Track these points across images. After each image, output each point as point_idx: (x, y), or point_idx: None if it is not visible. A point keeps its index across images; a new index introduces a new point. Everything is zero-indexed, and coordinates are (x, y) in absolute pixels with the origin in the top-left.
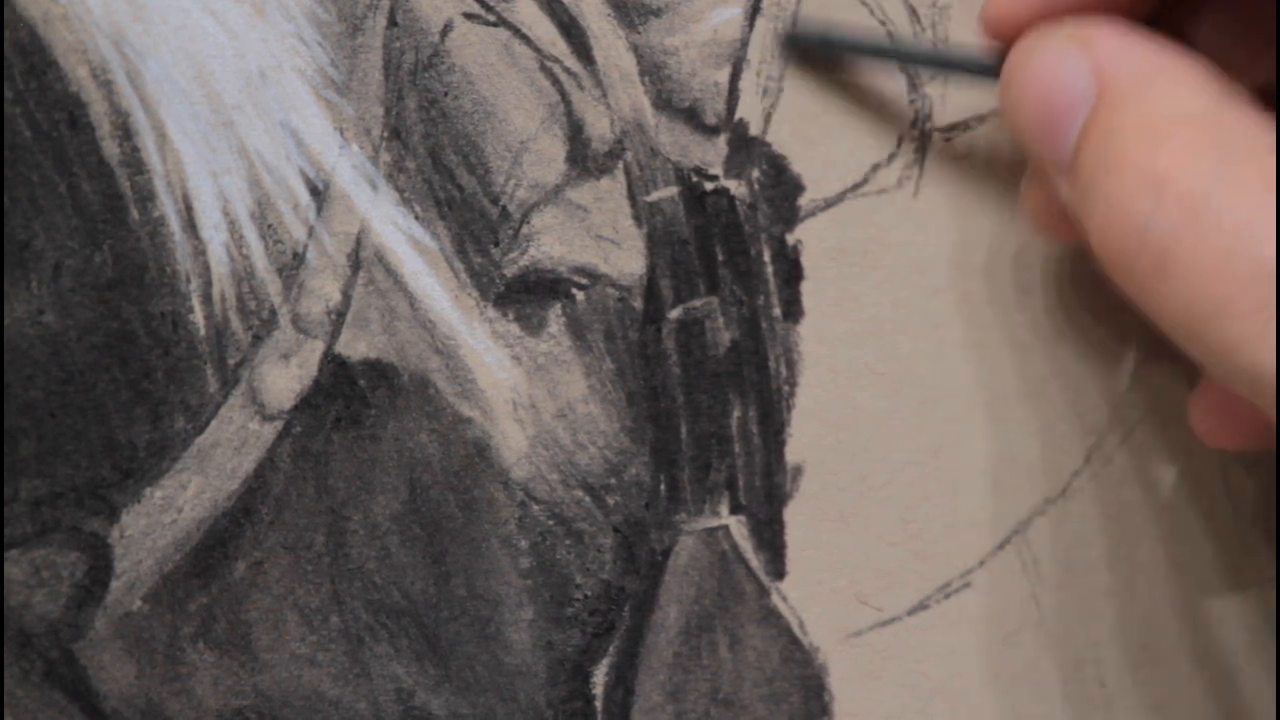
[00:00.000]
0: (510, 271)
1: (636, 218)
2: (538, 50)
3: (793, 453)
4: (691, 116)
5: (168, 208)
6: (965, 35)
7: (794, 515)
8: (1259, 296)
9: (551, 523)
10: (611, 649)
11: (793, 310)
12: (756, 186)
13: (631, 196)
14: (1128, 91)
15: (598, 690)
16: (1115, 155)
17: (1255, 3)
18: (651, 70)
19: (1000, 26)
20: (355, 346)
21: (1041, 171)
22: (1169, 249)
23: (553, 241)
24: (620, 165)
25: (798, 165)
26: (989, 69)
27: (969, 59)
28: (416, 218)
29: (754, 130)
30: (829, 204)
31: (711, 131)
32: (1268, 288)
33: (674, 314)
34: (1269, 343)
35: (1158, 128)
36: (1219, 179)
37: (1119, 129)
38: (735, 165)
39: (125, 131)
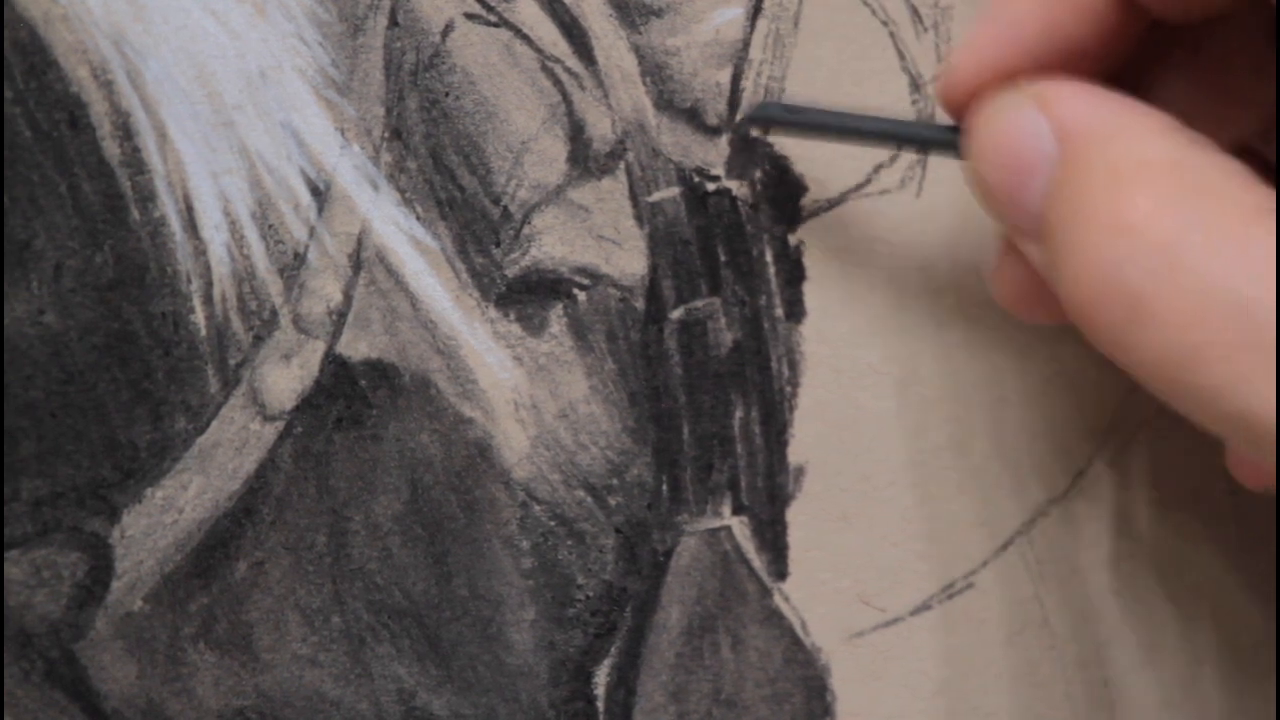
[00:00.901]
0: (512, 272)
1: (638, 218)
2: (539, 50)
3: (795, 453)
4: (693, 117)
5: (168, 208)
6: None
7: (796, 516)
8: (1238, 338)
9: (553, 523)
10: (613, 649)
11: (795, 311)
12: (758, 187)
13: (633, 197)
14: (1090, 145)
15: (599, 691)
16: (1082, 208)
17: (1221, 59)
18: (653, 71)
19: (958, 101)
20: (356, 347)
21: (1012, 240)
22: (1142, 297)
23: (554, 242)
24: (622, 166)
25: (800, 166)
26: (951, 142)
27: (931, 132)
28: (418, 218)
29: (755, 131)
30: (831, 204)
31: (713, 132)
32: (1247, 329)
33: (676, 314)
34: (1254, 385)
35: (1123, 177)
36: (1189, 223)
37: (1084, 182)
38: (737, 166)
39: (126, 132)
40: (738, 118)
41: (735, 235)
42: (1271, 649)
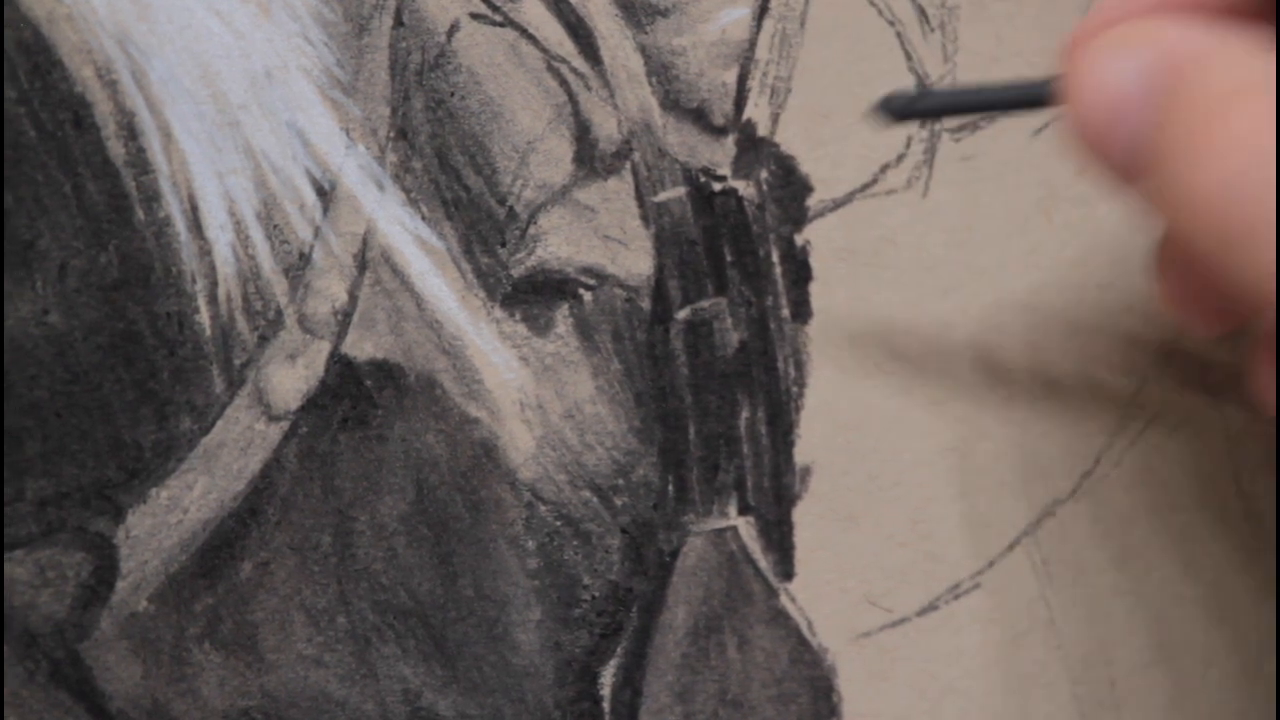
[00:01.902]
0: (517, 272)
1: (644, 218)
2: (545, 50)
3: (801, 453)
4: (699, 117)
5: (173, 208)
6: (974, 35)
7: (803, 516)
8: None
9: (559, 523)
10: (619, 650)
11: (801, 311)
12: (765, 187)
13: (639, 197)
14: (1190, 74)
15: (605, 691)
16: (1190, 131)
17: None
18: (659, 70)
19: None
20: (362, 347)
21: (1113, 184)
22: (1260, 208)
23: (560, 242)
24: (628, 166)
25: (806, 166)
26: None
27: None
28: (423, 218)
29: (762, 131)
30: (838, 204)
31: (719, 132)
32: None
33: (682, 314)
34: None
35: (1226, 97)
36: None
37: (1189, 106)
38: (743, 166)
39: (130, 131)
40: (874, 111)
41: (741, 235)
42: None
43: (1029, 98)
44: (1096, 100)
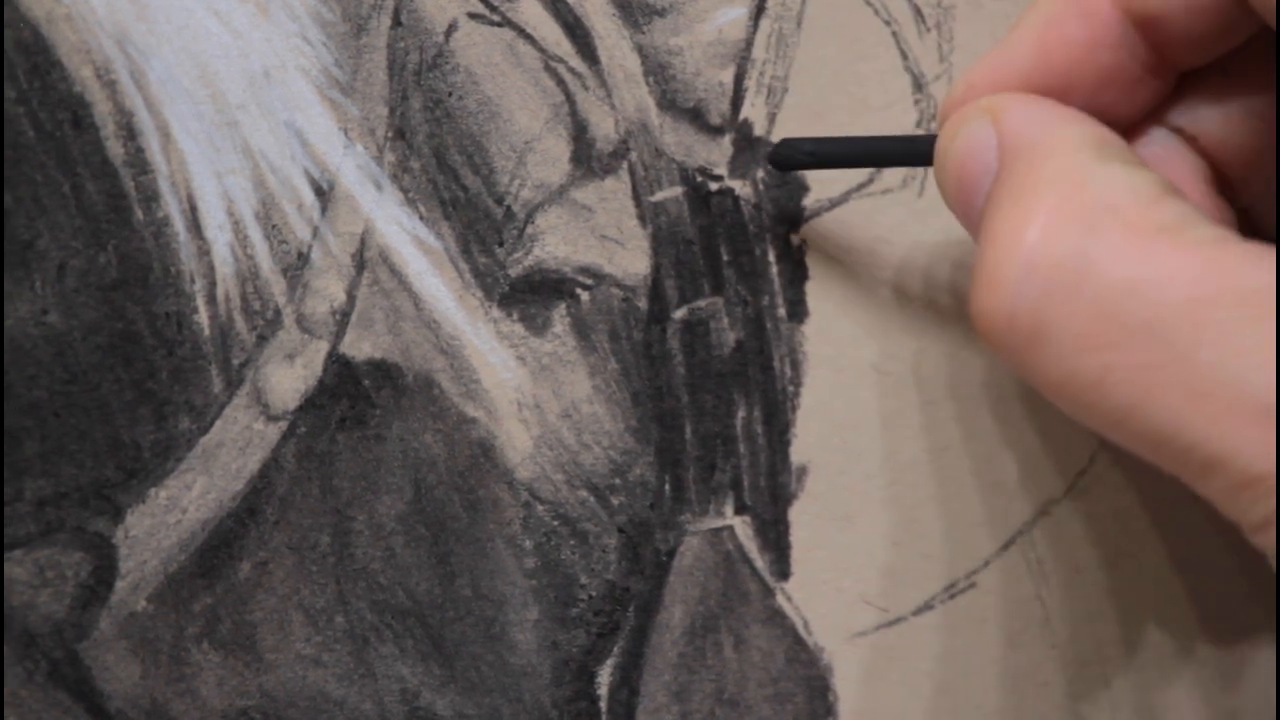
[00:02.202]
0: (515, 271)
1: (641, 218)
2: (542, 50)
3: (797, 453)
4: (696, 116)
5: (172, 208)
6: (970, 35)
7: (799, 515)
8: (1138, 360)
9: (556, 523)
10: (616, 649)
11: (797, 310)
12: (761, 186)
13: (636, 197)
14: (1014, 159)
15: (602, 691)
16: (992, 225)
17: (1243, 100)
18: (656, 70)
19: None
20: (360, 347)
21: None
22: (1042, 319)
23: (557, 242)
24: (625, 165)
25: None
26: None
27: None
28: (421, 218)
29: (759, 130)
30: (834, 204)
31: (716, 131)
32: (1149, 348)
33: (679, 314)
34: (1161, 404)
35: (1028, 195)
36: (1087, 245)
37: (998, 197)
38: (740, 165)
39: (129, 131)
40: (766, 162)
41: (738, 235)
42: (1272, 648)
43: (914, 154)
44: (953, 168)
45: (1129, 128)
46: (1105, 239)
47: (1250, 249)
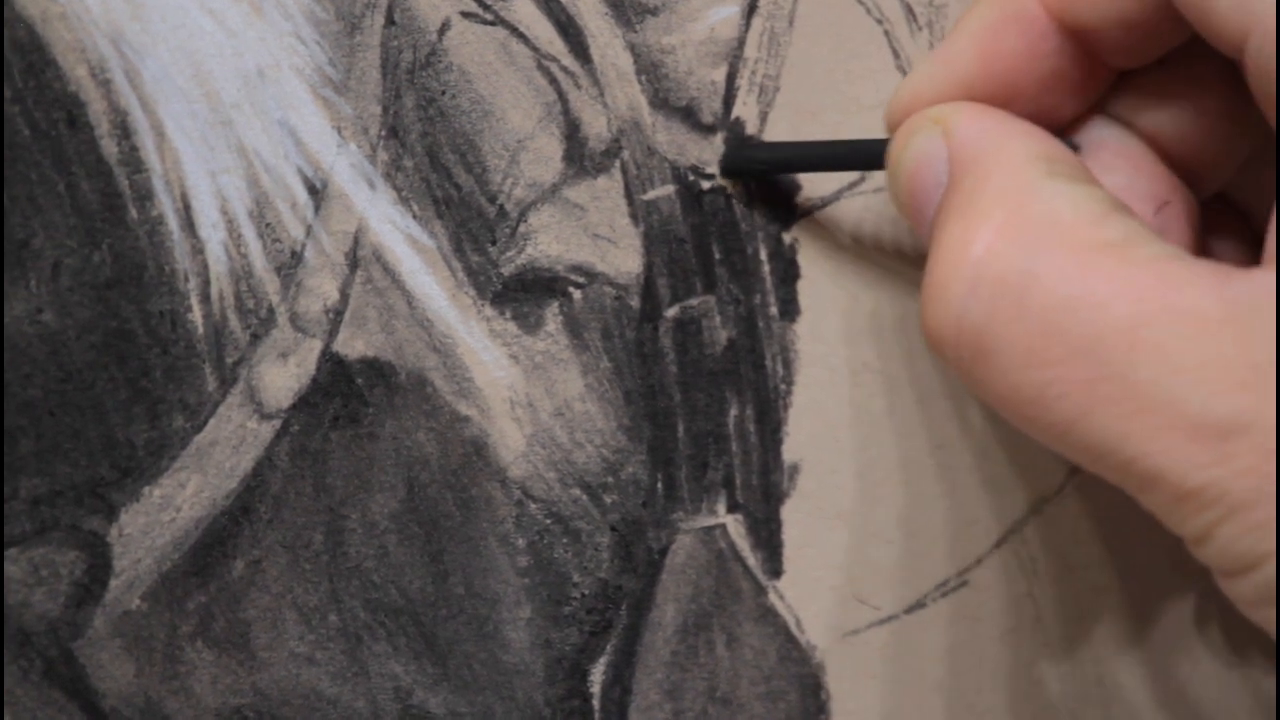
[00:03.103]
0: (507, 270)
1: (633, 216)
2: (535, 49)
3: (790, 451)
4: (688, 115)
5: (166, 206)
6: None
7: (791, 513)
8: (1082, 374)
9: (549, 521)
10: (609, 647)
11: (789, 308)
12: (753, 185)
13: (628, 195)
14: (964, 171)
15: (595, 689)
16: (940, 236)
17: (1179, 105)
18: (648, 69)
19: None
20: (353, 345)
21: None
22: (986, 334)
23: (550, 240)
24: (617, 164)
25: None
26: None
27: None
28: (414, 216)
29: (751, 129)
30: (825, 202)
31: (708, 130)
32: (1090, 364)
33: (671, 312)
34: (1102, 419)
35: (976, 209)
36: (1031, 261)
37: (947, 209)
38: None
39: (124, 130)
40: (719, 170)
41: (730, 233)
42: (1267, 646)
43: (865, 159)
44: (904, 178)
45: (1077, 119)
46: (1049, 255)
47: (1194, 267)
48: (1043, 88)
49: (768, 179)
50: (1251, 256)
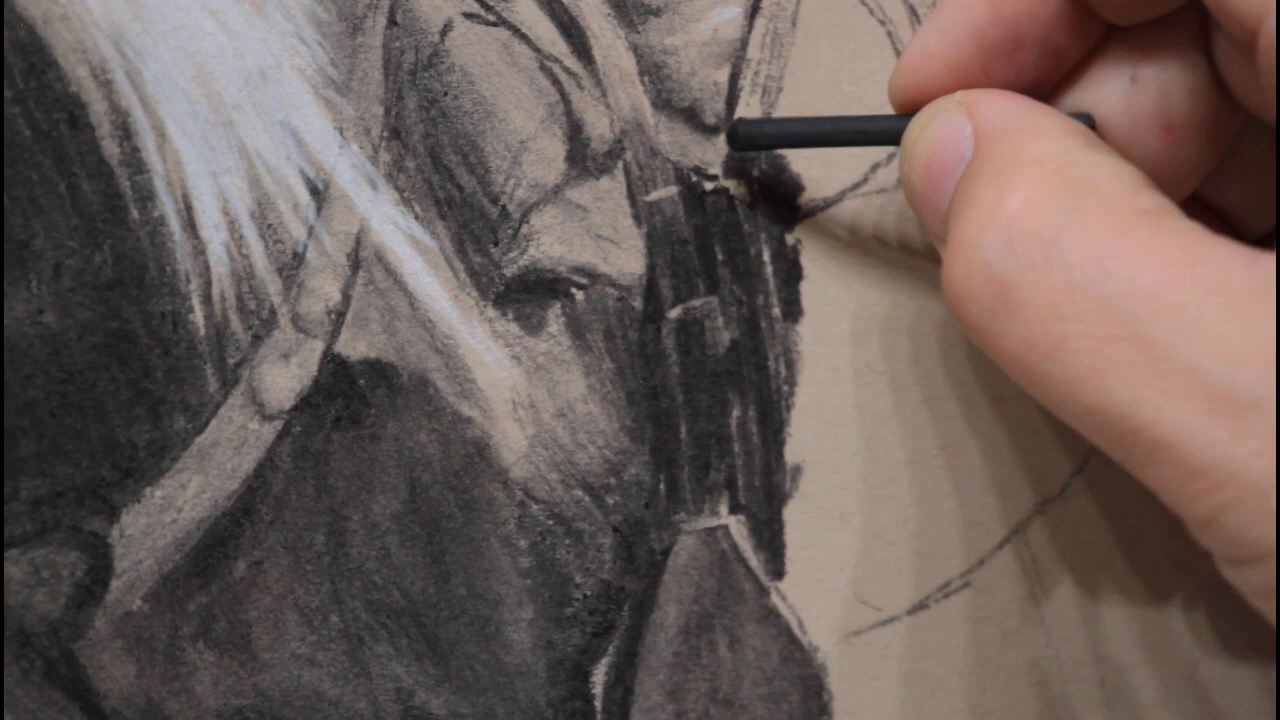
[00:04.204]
0: (510, 271)
1: (636, 217)
2: (537, 50)
3: (792, 452)
4: (691, 116)
5: (167, 207)
6: None
7: (793, 515)
8: (1102, 331)
9: (551, 522)
10: (611, 648)
11: (792, 310)
12: (756, 186)
13: (631, 196)
14: (993, 143)
15: (597, 690)
16: (970, 200)
17: (1164, 92)
18: (651, 70)
19: (908, 98)
20: (355, 346)
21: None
22: (1012, 286)
23: (552, 241)
24: (620, 165)
25: (797, 165)
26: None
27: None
28: (416, 217)
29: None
30: (828, 204)
31: (711, 131)
32: (1111, 322)
33: (673, 313)
34: (1113, 379)
35: (1009, 170)
36: (1066, 219)
37: (978, 176)
38: (735, 165)
39: (125, 131)
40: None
41: (733, 234)
42: (1268, 646)
43: (875, 135)
44: (922, 154)
45: (1080, 67)
46: (1085, 216)
47: (1223, 243)
48: (1050, 28)
49: (774, 160)
50: None
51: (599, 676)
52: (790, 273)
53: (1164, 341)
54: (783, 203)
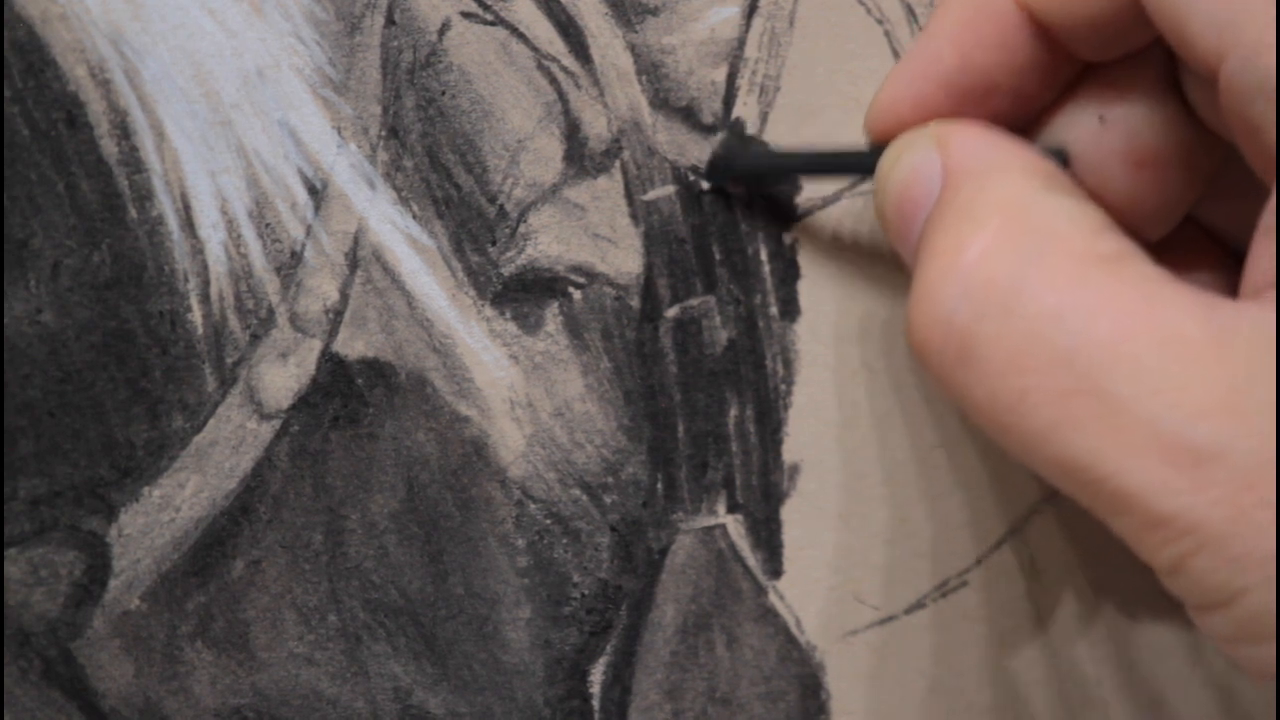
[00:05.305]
0: (507, 270)
1: (633, 216)
2: (535, 49)
3: (790, 451)
4: (688, 115)
5: (166, 206)
6: None
7: (791, 514)
8: (1064, 384)
9: (549, 521)
10: (609, 648)
11: (790, 309)
12: (752, 186)
13: (628, 195)
14: (960, 180)
15: (595, 689)
16: (933, 243)
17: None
18: (649, 69)
19: (883, 133)
20: (353, 345)
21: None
22: (972, 337)
23: (550, 240)
24: (617, 164)
25: None
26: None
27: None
28: (414, 216)
29: (751, 129)
30: (826, 202)
31: (709, 130)
32: (1073, 375)
33: (671, 313)
34: (1078, 431)
35: (972, 216)
36: (1024, 268)
37: (941, 216)
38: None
39: (123, 130)
40: (705, 178)
41: (730, 233)
42: None
43: (852, 167)
44: (894, 190)
45: (1045, 113)
46: (1043, 264)
47: (1182, 290)
48: (1018, 79)
49: (753, 188)
50: (1223, 283)
51: (597, 675)
52: (788, 272)
53: (1122, 394)
54: (780, 202)
